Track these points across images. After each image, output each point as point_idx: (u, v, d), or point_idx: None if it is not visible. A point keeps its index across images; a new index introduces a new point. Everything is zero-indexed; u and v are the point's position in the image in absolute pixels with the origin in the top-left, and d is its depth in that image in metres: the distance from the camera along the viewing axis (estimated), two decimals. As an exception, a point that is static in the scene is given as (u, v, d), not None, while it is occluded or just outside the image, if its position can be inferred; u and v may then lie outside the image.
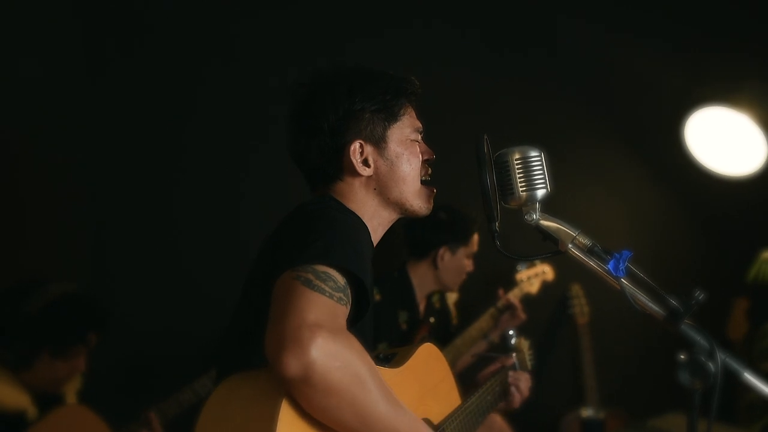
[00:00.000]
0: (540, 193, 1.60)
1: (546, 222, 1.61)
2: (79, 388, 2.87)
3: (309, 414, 1.38)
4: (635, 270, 1.55)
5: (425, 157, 1.78)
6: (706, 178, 3.85)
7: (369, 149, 1.72)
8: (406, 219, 1.80)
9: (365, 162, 1.72)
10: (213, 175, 3.71)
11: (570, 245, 1.58)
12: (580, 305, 4.00)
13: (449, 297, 3.48)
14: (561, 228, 1.60)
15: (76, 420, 2.69)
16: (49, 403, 2.67)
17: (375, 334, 3.01)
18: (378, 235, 1.76)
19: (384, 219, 1.76)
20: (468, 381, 2.16)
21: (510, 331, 2.37)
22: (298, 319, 1.33)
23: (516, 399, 2.21)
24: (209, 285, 3.48)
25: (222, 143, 3.71)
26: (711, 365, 1.44)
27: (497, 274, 3.56)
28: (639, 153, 4.12)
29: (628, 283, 1.54)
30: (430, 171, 1.79)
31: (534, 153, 1.60)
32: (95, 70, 3.61)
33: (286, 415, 1.35)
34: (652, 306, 1.53)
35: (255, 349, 1.49)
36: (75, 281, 2.92)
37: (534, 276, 3.55)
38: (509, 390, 2.19)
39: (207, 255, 3.62)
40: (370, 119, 1.72)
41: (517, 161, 1.59)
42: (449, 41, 3.93)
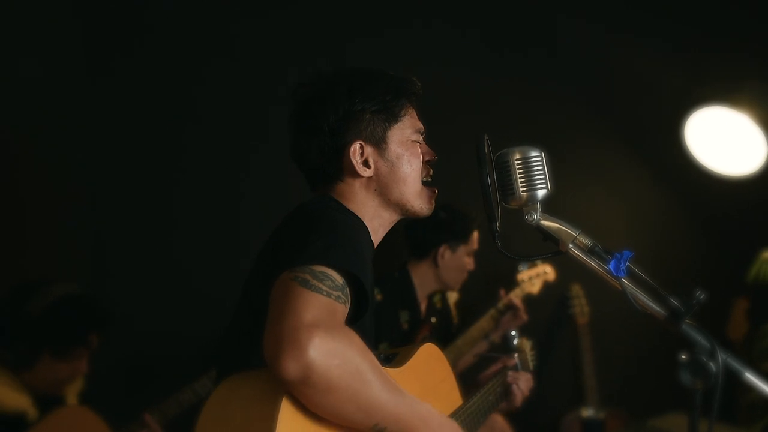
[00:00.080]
0: (541, 193, 1.60)
1: (547, 222, 1.61)
2: (81, 389, 2.87)
3: (309, 413, 1.38)
4: (636, 270, 1.55)
5: (426, 158, 1.78)
6: (706, 178, 3.85)
7: (369, 150, 1.72)
8: (406, 219, 1.80)
9: (365, 163, 1.72)
10: (213, 175, 3.71)
11: (571, 245, 1.58)
12: (580, 305, 4.00)
13: (449, 297, 3.48)
14: (562, 228, 1.60)
15: (76, 420, 2.68)
16: (50, 405, 2.66)
17: (376, 334, 3.02)
18: (379, 236, 1.76)
19: (385, 220, 1.76)
20: (469, 381, 2.16)
21: (512, 332, 2.37)
22: (295, 321, 1.33)
23: (517, 399, 2.21)
24: (209, 285, 3.48)
25: (222, 143, 3.71)
26: (712, 365, 1.44)
27: (498, 274, 3.56)
28: (639, 153, 4.11)
29: (629, 283, 1.54)
30: (431, 172, 1.79)
31: (534, 153, 1.60)
32: (95, 70, 3.61)
33: (286, 415, 1.35)
34: (653, 306, 1.53)
35: (255, 350, 1.49)
36: (75, 281, 2.91)
37: (535, 276, 3.55)
38: (511, 390, 2.20)
39: (207, 255, 3.62)
40: (370, 120, 1.72)
41: (518, 161, 1.59)
42: (449, 41, 3.93)
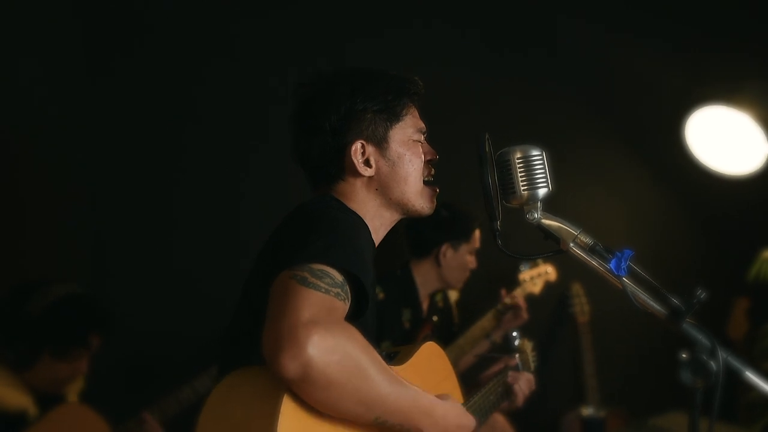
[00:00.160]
0: (541, 192, 1.59)
1: (547, 221, 1.61)
2: (81, 389, 2.87)
3: (311, 409, 1.38)
4: (637, 269, 1.55)
5: (428, 158, 1.78)
6: (706, 177, 3.85)
7: (371, 149, 1.72)
8: (408, 218, 1.80)
9: (367, 162, 1.72)
10: (213, 175, 3.71)
11: (571, 244, 1.58)
12: (580, 304, 4.00)
13: (450, 296, 3.48)
14: (562, 227, 1.60)
15: (76, 418, 2.68)
16: (51, 404, 2.66)
17: (378, 332, 3.02)
18: (380, 235, 1.76)
19: (386, 219, 1.76)
20: (470, 381, 2.16)
21: (513, 333, 2.36)
22: (293, 319, 1.32)
23: (518, 399, 2.21)
24: (209, 285, 3.48)
25: (222, 143, 3.71)
26: (712, 364, 1.44)
27: (499, 273, 3.56)
28: (639, 153, 4.11)
29: (629, 282, 1.54)
30: (433, 171, 1.79)
31: (535, 152, 1.60)
32: (95, 70, 3.61)
33: (287, 411, 1.35)
34: (653, 305, 1.53)
35: (255, 349, 1.48)
36: (75, 281, 2.91)
37: (537, 276, 3.55)
38: (512, 390, 2.19)
39: (207, 255, 3.62)
40: (372, 119, 1.72)
41: (519, 160, 1.59)
42: (449, 41, 3.93)
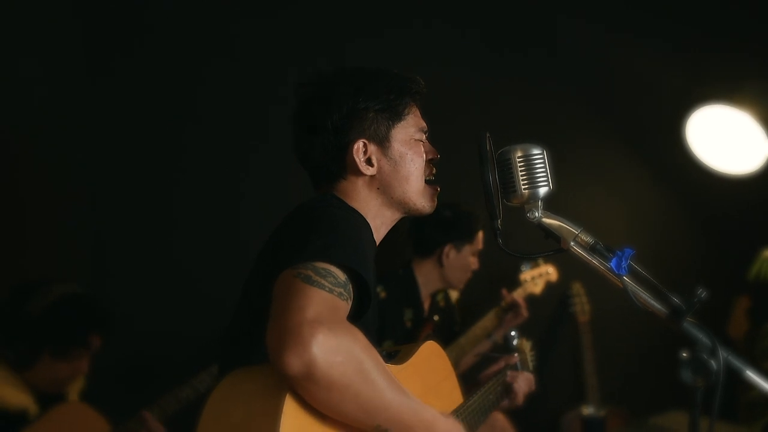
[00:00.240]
0: (542, 191, 1.59)
1: (548, 220, 1.61)
2: (82, 388, 2.87)
3: (313, 409, 1.38)
4: (637, 268, 1.54)
5: (429, 157, 1.78)
6: (706, 176, 3.84)
7: (372, 148, 1.72)
8: (412, 217, 1.79)
9: (368, 161, 1.72)
10: (213, 175, 3.71)
11: (572, 243, 1.58)
12: (581, 303, 4.00)
13: (450, 295, 3.48)
14: (563, 226, 1.60)
15: (76, 417, 2.68)
16: (51, 403, 2.66)
17: (380, 331, 3.02)
18: (381, 234, 1.75)
19: (387, 218, 1.76)
20: (470, 381, 2.16)
21: (512, 332, 2.37)
22: (298, 317, 1.32)
23: (518, 398, 2.21)
24: (209, 285, 3.48)
25: (222, 143, 3.71)
26: (713, 363, 1.44)
27: (501, 273, 3.56)
28: (639, 153, 4.11)
29: (630, 281, 1.54)
30: (434, 170, 1.79)
31: (536, 151, 1.59)
32: (95, 70, 3.61)
33: (290, 409, 1.35)
34: (654, 304, 1.53)
35: (255, 349, 1.48)
36: (75, 281, 2.91)
37: (538, 276, 3.55)
38: (512, 389, 2.19)
39: (207, 255, 3.62)
40: (374, 118, 1.72)
41: (520, 159, 1.59)
42: (449, 41, 3.93)
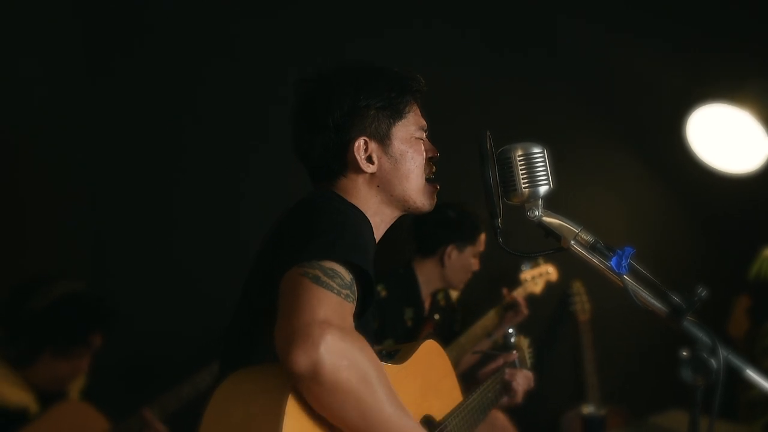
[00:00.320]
0: (543, 190, 1.59)
1: (549, 218, 1.60)
2: (83, 387, 2.87)
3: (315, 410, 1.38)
4: (637, 267, 1.54)
5: (429, 155, 1.78)
6: (707, 176, 3.83)
7: (373, 146, 1.72)
8: (414, 216, 1.79)
9: (369, 159, 1.72)
10: (213, 175, 3.71)
11: (572, 242, 1.58)
12: (581, 302, 4.00)
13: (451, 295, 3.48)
14: (563, 224, 1.60)
15: (76, 416, 2.69)
16: (52, 401, 2.67)
17: (381, 330, 3.03)
18: (380, 232, 1.75)
19: (387, 216, 1.76)
20: (471, 379, 2.16)
21: (509, 330, 2.37)
22: (307, 316, 1.32)
23: (517, 395, 2.21)
24: (209, 285, 3.48)
25: (222, 143, 3.71)
26: (713, 362, 1.44)
27: (501, 273, 3.56)
28: (639, 153, 4.11)
29: (630, 280, 1.54)
30: (434, 169, 1.79)
31: (537, 149, 1.59)
32: (95, 70, 3.62)
33: (292, 410, 1.35)
34: (654, 303, 1.52)
35: (255, 350, 1.49)
36: (78, 279, 2.92)
37: (538, 276, 3.56)
38: (510, 387, 2.19)
39: (207, 255, 3.62)
40: (375, 116, 1.72)
41: (520, 157, 1.59)
42: (449, 41, 3.93)
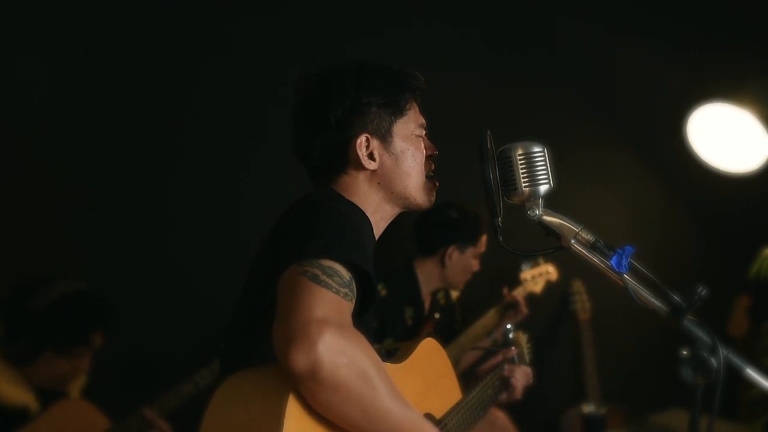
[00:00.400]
0: (543, 189, 1.58)
1: (549, 217, 1.60)
2: (83, 385, 2.87)
3: (316, 410, 1.37)
4: (638, 266, 1.54)
5: (429, 153, 1.78)
6: (707, 175, 3.83)
7: (375, 143, 1.72)
8: (416, 216, 1.80)
9: (371, 156, 1.71)
10: (213, 175, 3.71)
11: (573, 241, 1.57)
12: (581, 301, 4.00)
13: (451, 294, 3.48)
14: (564, 223, 1.59)
15: (77, 414, 2.69)
16: (52, 399, 2.67)
17: (381, 329, 3.02)
18: (380, 229, 1.75)
19: (386, 213, 1.76)
20: (469, 376, 2.16)
21: (508, 326, 2.38)
22: (305, 315, 1.32)
23: (517, 391, 2.21)
24: (209, 285, 3.48)
25: (222, 143, 3.72)
26: (713, 361, 1.44)
27: (501, 272, 3.56)
28: (639, 153, 4.11)
29: (630, 279, 1.53)
30: (433, 167, 1.79)
31: (537, 148, 1.59)
32: (95, 70, 3.62)
33: (293, 411, 1.35)
34: (654, 302, 1.52)
35: (255, 349, 1.49)
36: (78, 279, 2.92)
37: (538, 275, 3.56)
38: (509, 383, 2.19)
39: (207, 255, 3.62)
40: (376, 113, 1.72)
41: (520, 156, 1.58)
42: (449, 41, 3.93)
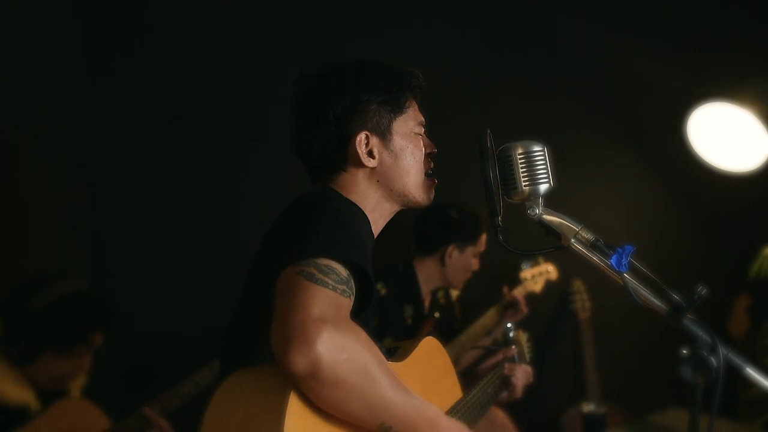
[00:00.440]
0: (543, 188, 1.58)
1: (549, 216, 1.60)
2: (84, 385, 2.87)
3: (317, 408, 1.37)
4: (638, 265, 1.54)
5: (428, 151, 1.78)
6: (707, 174, 3.83)
7: (374, 141, 1.72)
8: (416, 215, 1.80)
9: (370, 153, 1.72)
10: (213, 175, 3.71)
11: (573, 240, 1.57)
12: (581, 300, 4.00)
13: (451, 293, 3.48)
14: (564, 223, 1.59)
15: (77, 413, 2.69)
16: (53, 398, 2.67)
17: (381, 328, 3.02)
18: (379, 227, 1.75)
19: (385, 211, 1.76)
20: (469, 375, 2.16)
21: (508, 324, 2.38)
22: (302, 315, 1.32)
23: (517, 390, 2.21)
24: (209, 285, 3.48)
25: (222, 143, 3.72)
26: (713, 360, 1.44)
27: (501, 271, 3.57)
28: (639, 153, 4.11)
29: (630, 278, 1.53)
30: (432, 165, 1.79)
31: (537, 147, 1.59)
32: (95, 70, 3.62)
33: (294, 408, 1.34)
34: (654, 301, 1.52)
35: (255, 349, 1.48)
36: (79, 278, 2.92)
37: (538, 275, 3.56)
38: (510, 381, 2.19)
39: (207, 255, 3.62)
40: (376, 111, 1.72)
41: (520, 155, 1.58)
42: (449, 41, 3.93)
